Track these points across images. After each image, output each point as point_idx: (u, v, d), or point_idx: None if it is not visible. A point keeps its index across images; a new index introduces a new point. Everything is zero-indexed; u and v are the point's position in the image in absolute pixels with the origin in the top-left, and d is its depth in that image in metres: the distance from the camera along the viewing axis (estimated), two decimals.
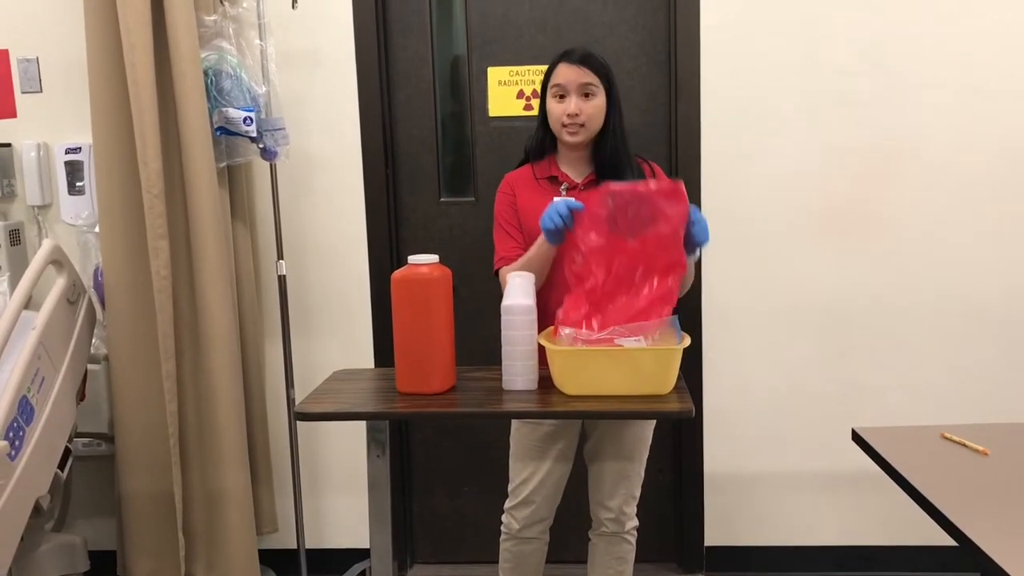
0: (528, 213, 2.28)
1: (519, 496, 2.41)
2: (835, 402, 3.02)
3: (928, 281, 2.95)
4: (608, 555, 2.46)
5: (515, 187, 2.34)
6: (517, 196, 2.33)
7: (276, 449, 3.10)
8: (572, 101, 2.22)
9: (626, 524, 2.43)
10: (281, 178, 2.94)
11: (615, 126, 2.27)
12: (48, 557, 2.63)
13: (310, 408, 2.02)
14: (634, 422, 2.36)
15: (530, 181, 2.33)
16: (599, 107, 2.24)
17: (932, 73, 2.86)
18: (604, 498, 2.42)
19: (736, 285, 2.99)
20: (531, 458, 2.39)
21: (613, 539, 2.44)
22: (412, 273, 2.02)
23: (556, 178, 2.31)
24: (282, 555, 3.13)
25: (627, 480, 2.41)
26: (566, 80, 2.22)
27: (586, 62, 2.23)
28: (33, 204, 3.04)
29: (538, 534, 2.45)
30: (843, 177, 2.92)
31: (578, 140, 2.25)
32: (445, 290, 2.05)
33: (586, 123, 2.23)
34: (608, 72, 2.25)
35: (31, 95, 3.03)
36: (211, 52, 2.73)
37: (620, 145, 2.28)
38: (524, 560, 2.47)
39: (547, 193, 2.27)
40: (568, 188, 2.29)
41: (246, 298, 2.93)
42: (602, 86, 2.24)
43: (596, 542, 2.48)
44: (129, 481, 2.80)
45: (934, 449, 1.84)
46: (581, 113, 2.22)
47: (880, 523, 3.07)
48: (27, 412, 2.32)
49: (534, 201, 2.27)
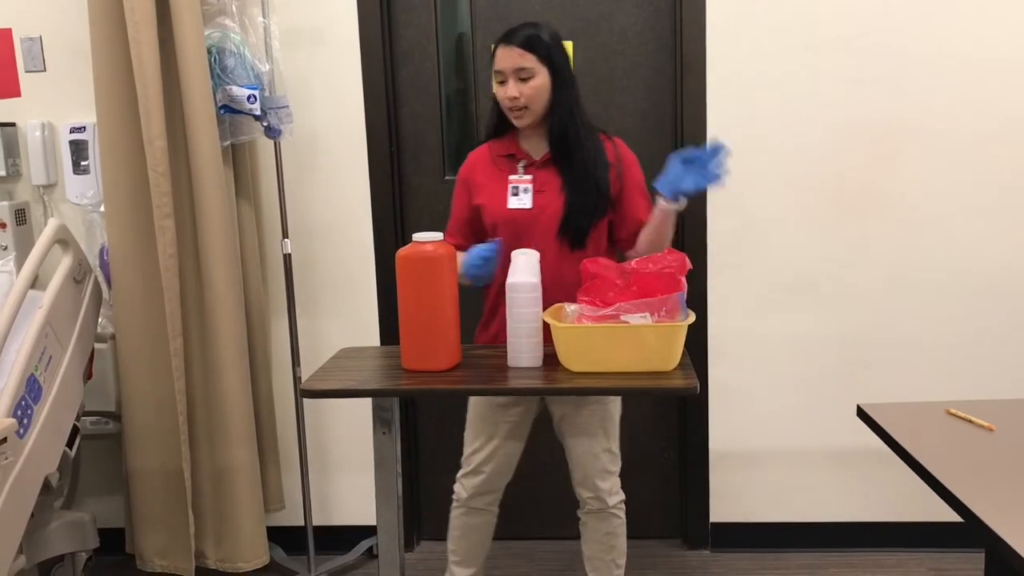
0: (484, 192, 2.33)
1: (470, 465, 2.44)
2: (841, 378, 3.02)
3: (935, 258, 2.94)
4: (597, 531, 2.48)
5: (473, 169, 2.38)
6: (471, 180, 2.36)
7: (283, 427, 3.11)
8: (510, 85, 2.22)
9: (609, 500, 2.44)
10: (285, 156, 2.94)
11: (564, 103, 2.26)
12: (58, 534, 2.65)
13: (316, 386, 2.03)
14: (593, 399, 2.37)
15: (487, 161, 2.36)
16: (538, 87, 2.23)
17: (939, 50, 2.84)
18: (580, 477, 2.43)
19: (741, 261, 2.98)
20: (483, 430, 2.42)
21: (600, 515, 2.46)
22: (417, 251, 2.03)
23: (514, 156, 2.32)
24: (289, 532, 3.16)
25: (596, 458, 2.40)
26: (503, 64, 2.23)
27: (521, 43, 2.22)
28: (38, 184, 3.04)
29: (486, 505, 2.48)
30: (849, 154, 2.91)
31: (524, 122, 2.27)
32: (450, 268, 2.05)
33: (528, 105, 2.23)
34: (549, 49, 2.23)
35: (35, 74, 3.02)
36: (214, 30, 2.72)
37: (571, 121, 2.26)
38: (472, 531, 2.51)
39: (504, 171, 2.31)
40: (526, 165, 2.31)
41: (251, 276, 2.93)
42: (543, 65, 2.22)
43: (585, 520, 2.49)
44: (136, 459, 2.82)
45: (940, 425, 1.84)
46: (521, 96, 2.22)
47: (886, 499, 3.08)
48: (35, 390, 2.33)
49: (491, 181, 2.32)
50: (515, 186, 2.27)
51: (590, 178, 2.25)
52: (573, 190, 2.25)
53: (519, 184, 2.28)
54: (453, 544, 2.54)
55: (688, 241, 2.96)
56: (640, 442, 3.20)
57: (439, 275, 2.03)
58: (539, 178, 2.28)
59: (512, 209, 2.27)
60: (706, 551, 3.15)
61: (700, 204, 2.96)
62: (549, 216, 2.26)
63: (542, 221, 2.25)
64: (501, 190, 2.28)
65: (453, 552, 2.55)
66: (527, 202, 2.27)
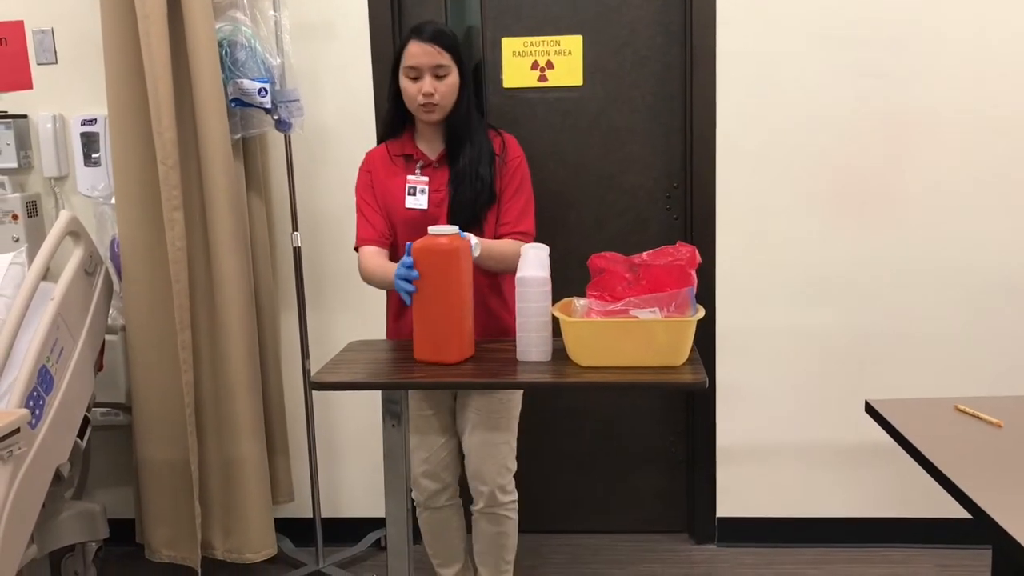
0: (385, 192, 2.36)
1: (415, 468, 2.48)
2: (849, 374, 3.02)
3: (945, 253, 2.93)
4: (488, 531, 2.50)
5: (373, 166, 2.40)
6: (374, 175, 2.39)
7: (292, 419, 3.12)
8: (427, 81, 2.24)
9: (503, 498, 2.46)
10: (296, 150, 2.94)
11: (467, 100, 2.31)
12: (68, 524, 2.66)
13: (325, 378, 2.04)
14: (495, 394, 2.39)
15: (386, 159, 2.39)
16: (452, 85, 2.27)
17: (953, 43, 2.83)
18: (475, 471, 2.44)
19: (752, 256, 2.98)
20: (416, 431, 2.45)
21: (492, 517, 2.48)
22: (432, 243, 2.03)
23: (412, 156, 2.35)
24: (298, 524, 3.17)
25: (494, 451, 2.42)
26: (418, 61, 2.24)
27: (437, 40, 2.25)
28: (50, 176, 3.06)
29: (445, 502, 2.53)
30: (860, 148, 2.90)
31: (434, 119, 2.30)
32: (466, 260, 2.06)
33: (440, 102, 2.26)
34: (458, 48, 2.28)
35: (46, 67, 3.03)
36: (225, 23, 2.73)
37: (467, 118, 2.32)
38: (441, 529, 2.56)
39: (402, 171, 2.34)
40: (423, 165, 2.34)
41: (261, 269, 2.94)
42: (454, 63, 2.26)
43: (477, 518, 2.50)
44: (146, 450, 2.83)
45: (948, 421, 1.84)
46: (436, 93, 2.25)
47: (893, 495, 3.07)
48: (47, 381, 2.35)
49: (390, 180, 2.35)
50: (412, 186, 2.31)
51: (474, 170, 2.29)
52: (458, 183, 2.29)
53: (416, 184, 2.32)
54: (430, 548, 2.60)
55: (697, 235, 2.96)
56: (648, 436, 3.20)
57: (456, 268, 2.04)
58: (435, 178, 2.32)
59: (409, 209, 2.32)
60: (713, 546, 3.16)
61: (709, 198, 2.96)
62: (444, 215, 2.30)
63: (439, 220, 2.29)
64: (399, 190, 2.33)
65: (433, 556, 2.61)
66: (423, 202, 2.32)
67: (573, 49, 2.98)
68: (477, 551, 2.55)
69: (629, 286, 2.05)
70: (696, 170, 2.96)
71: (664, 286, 2.00)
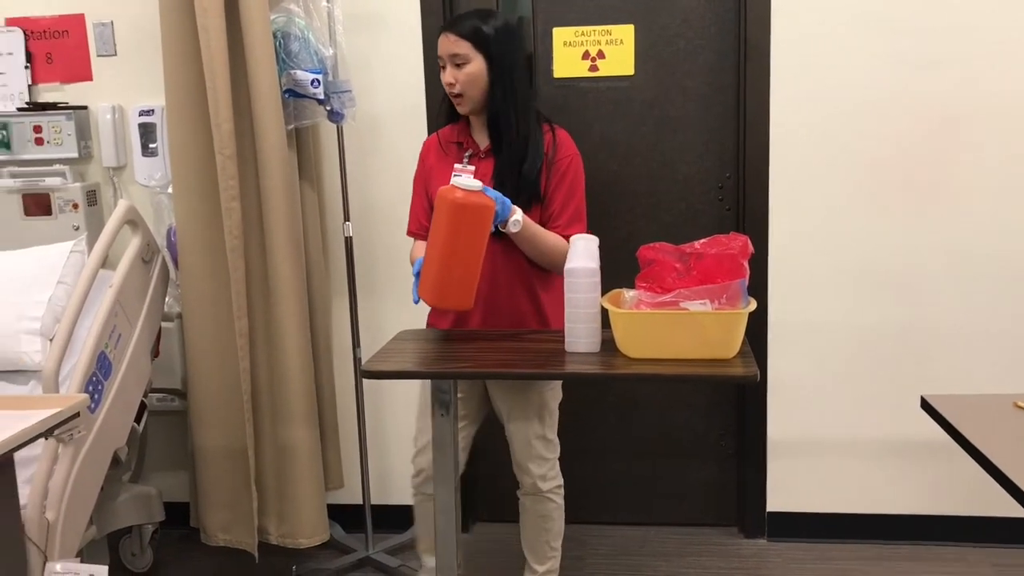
0: (432, 178, 2.38)
1: (417, 445, 2.51)
2: (904, 368, 2.97)
3: (1002, 246, 2.87)
4: (532, 513, 2.52)
5: (428, 152, 2.44)
6: (426, 162, 2.43)
7: (343, 407, 3.15)
8: (448, 71, 2.26)
9: (544, 485, 2.47)
10: (347, 140, 2.97)
11: (503, 91, 2.26)
12: (126, 506, 2.73)
13: (376, 367, 2.06)
14: (530, 387, 2.39)
15: (439, 147, 2.41)
16: (472, 74, 2.24)
17: (1010, 34, 2.76)
18: (517, 460, 2.48)
19: (804, 249, 2.95)
20: (426, 412, 2.43)
21: (535, 498, 2.50)
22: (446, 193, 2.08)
23: (463, 144, 2.35)
24: (348, 510, 3.21)
25: (529, 444, 2.44)
26: (440, 50, 2.27)
27: (452, 28, 2.25)
28: (109, 166, 3.12)
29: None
30: (915, 140, 2.85)
31: (464, 109, 2.31)
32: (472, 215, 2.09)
33: (463, 92, 2.26)
34: (484, 37, 2.23)
35: (106, 59, 3.09)
36: (279, 15, 2.76)
37: (503, 109, 2.27)
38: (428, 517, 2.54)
39: (453, 159, 2.32)
40: (471, 155, 2.32)
41: (313, 258, 2.97)
42: (478, 52, 2.23)
43: (523, 501, 2.54)
44: (201, 436, 2.88)
45: (1006, 418, 1.80)
46: (456, 83, 2.24)
47: (947, 492, 3.02)
48: (105, 367, 2.40)
49: (439, 166, 2.37)
50: (457, 174, 2.28)
51: (516, 168, 2.27)
52: (500, 179, 2.27)
53: (461, 172, 2.29)
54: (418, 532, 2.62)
55: (749, 226, 2.93)
56: (698, 429, 3.19)
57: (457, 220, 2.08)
58: (481, 168, 2.29)
59: None
60: (762, 540, 3.14)
61: (762, 189, 2.92)
62: None
63: None
64: (445, 177, 2.27)
65: (419, 540, 2.63)
66: None
67: (624, 39, 2.96)
68: (524, 537, 2.57)
69: (679, 277, 2.03)
70: (749, 160, 2.93)
71: (715, 277, 1.98)
